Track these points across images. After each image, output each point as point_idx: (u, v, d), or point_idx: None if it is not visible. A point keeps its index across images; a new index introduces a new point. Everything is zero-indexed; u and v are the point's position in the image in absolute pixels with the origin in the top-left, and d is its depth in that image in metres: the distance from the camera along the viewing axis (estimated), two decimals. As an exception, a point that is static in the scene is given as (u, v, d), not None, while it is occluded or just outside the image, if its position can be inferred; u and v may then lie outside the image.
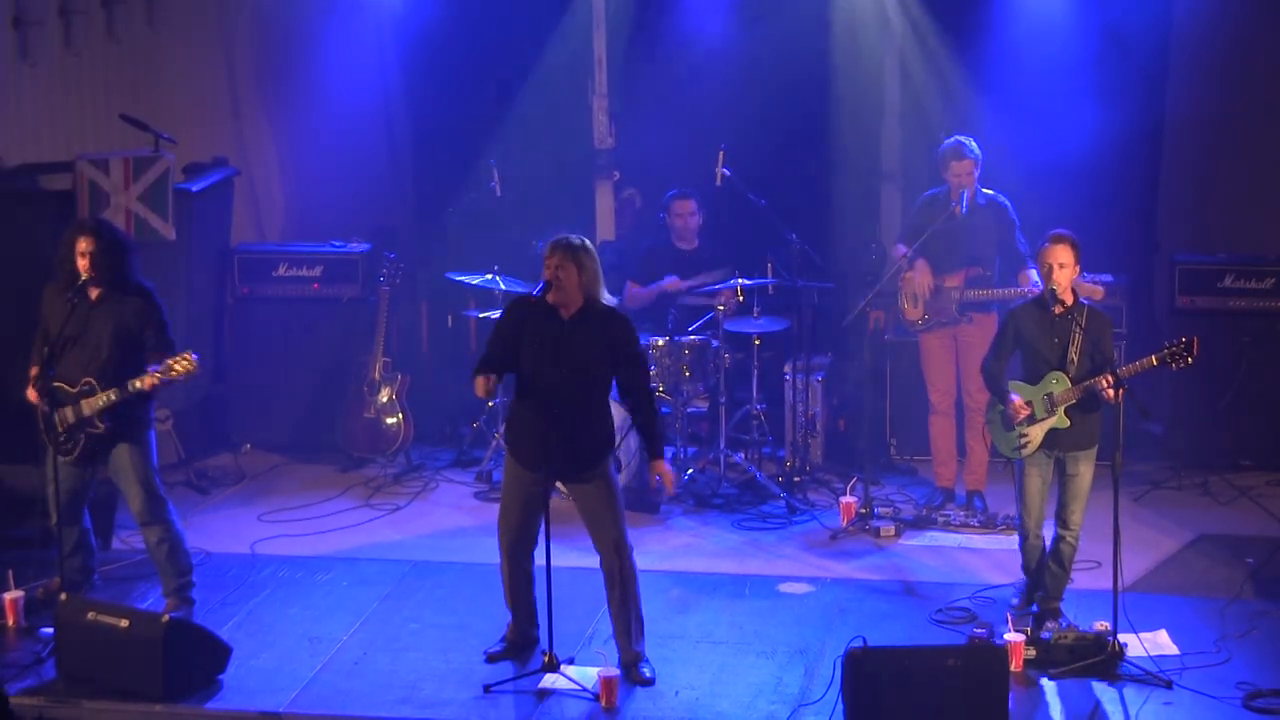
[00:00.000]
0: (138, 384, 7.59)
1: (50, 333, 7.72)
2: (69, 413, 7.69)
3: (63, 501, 7.80)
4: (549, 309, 7.24)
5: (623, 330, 7.32)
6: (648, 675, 7.33)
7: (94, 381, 7.68)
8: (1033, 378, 7.76)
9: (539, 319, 7.27)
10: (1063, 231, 7.66)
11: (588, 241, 7.31)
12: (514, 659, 7.56)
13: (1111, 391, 7.35)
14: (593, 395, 7.34)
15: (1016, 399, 7.69)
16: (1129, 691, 7.16)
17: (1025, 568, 7.98)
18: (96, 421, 7.70)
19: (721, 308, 9.73)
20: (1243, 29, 10.52)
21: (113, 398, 7.63)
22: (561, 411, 7.20)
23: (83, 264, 7.66)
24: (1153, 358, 7.49)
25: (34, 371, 7.75)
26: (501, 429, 10.03)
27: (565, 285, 7.20)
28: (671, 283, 10.03)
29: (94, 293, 7.73)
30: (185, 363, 7.53)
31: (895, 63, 11.06)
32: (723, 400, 9.75)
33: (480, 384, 7.27)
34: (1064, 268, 7.59)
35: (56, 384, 7.68)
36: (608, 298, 7.37)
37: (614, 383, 7.42)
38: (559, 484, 7.70)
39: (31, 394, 7.72)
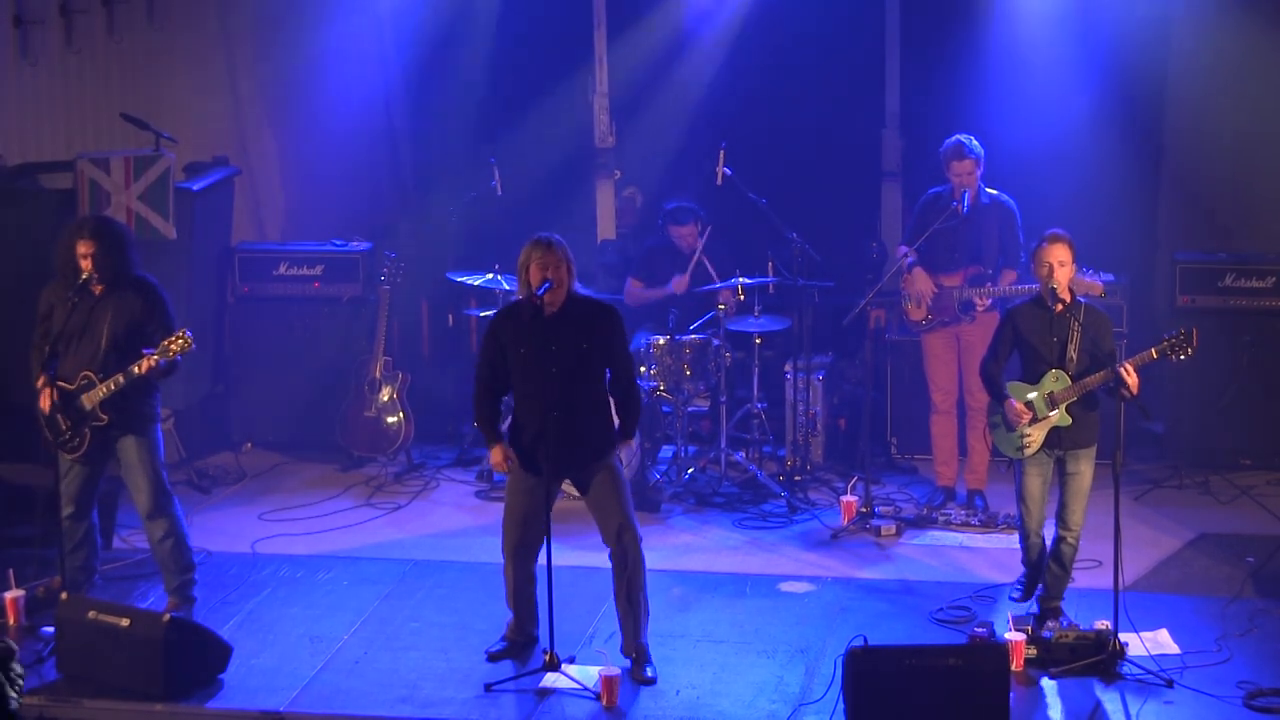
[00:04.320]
0: (135, 369, 7.58)
1: (52, 331, 7.72)
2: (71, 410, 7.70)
3: (74, 494, 7.80)
4: (532, 311, 7.24)
5: (609, 322, 7.32)
6: (649, 675, 7.33)
7: (93, 375, 7.68)
8: (1032, 377, 7.75)
9: (523, 323, 7.26)
10: (1059, 231, 7.67)
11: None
12: (515, 658, 7.56)
13: (1123, 391, 7.34)
14: (590, 387, 7.32)
15: (1015, 403, 7.68)
16: (1130, 691, 7.15)
17: (1026, 560, 7.98)
18: (99, 414, 7.71)
19: (723, 306, 9.74)
20: (1244, 28, 10.51)
21: (112, 387, 7.62)
22: (562, 410, 7.20)
23: (85, 265, 7.66)
24: (1153, 351, 7.49)
25: (40, 381, 7.74)
26: (503, 428, 10.04)
27: (562, 283, 7.22)
28: (678, 282, 10.02)
29: (96, 289, 7.74)
30: (181, 341, 7.50)
31: (896, 62, 11.07)
32: (723, 399, 9.75)
33: (500, 455, 7.39)
34: (1064, 266, 7.60)
35: (59, 383, 7.69)
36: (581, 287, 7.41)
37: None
38: (564, 487, 7.69)
39: (44, 402, 7.70)
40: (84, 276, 7.67)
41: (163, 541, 7.93)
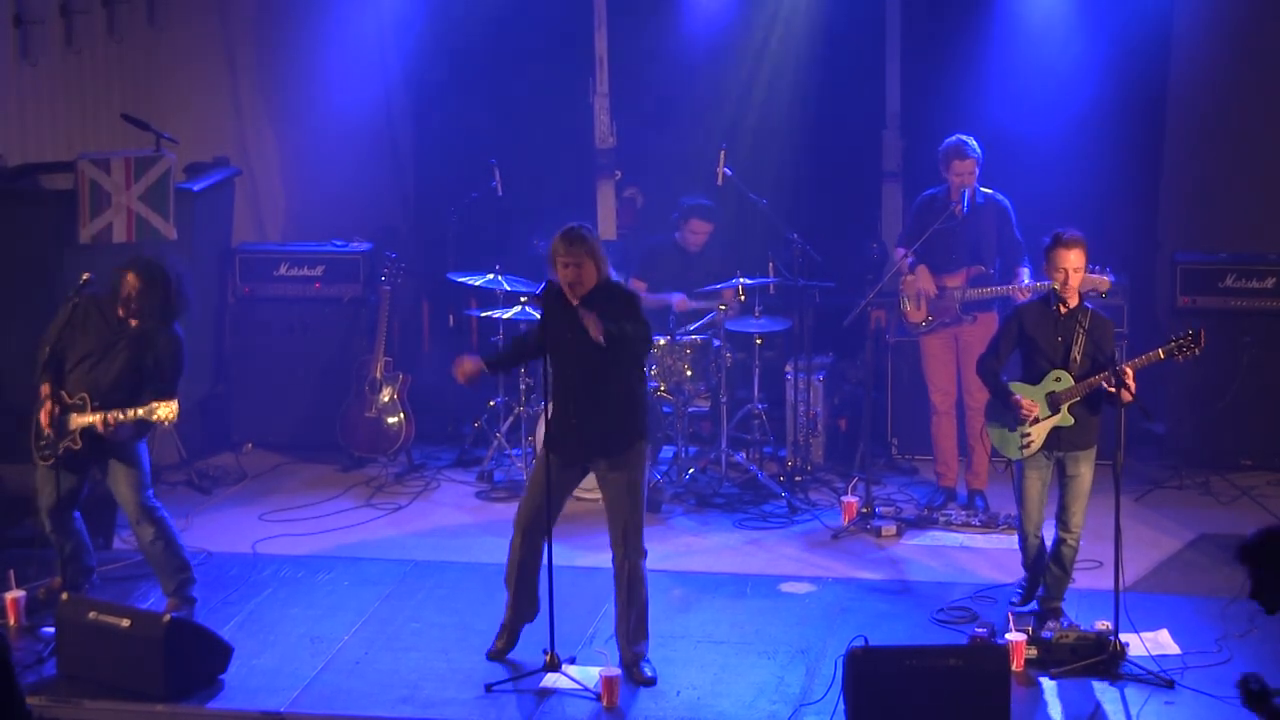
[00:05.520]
0: (120, 415, 7.60)
1: (63, 337, 7.70)
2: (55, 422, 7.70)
3: (49, 508, 7.81)
4: (563, 299, 7.23)
5: (625, 301, 7.28)
6: (649, 675, 7.33)
7: (88, 398, 7.68)
8: (1033, 377, 7.75)
9: (555, 311, 7.24)
10: (1077, 234, 7.60)
11: (588, 226, 7.35)
12: (513, 648, 7.55)
13: (1124, 392, 7.33)
14: (618, 375, 7.27)
15: (1024, 399, 7.67)
16: (1130, 691, 7.16)
17: (1026, 563, 7.97)
18: (76, 438, 7.71)
19: (723, 307, 9.74)
20: (1244, 29, 10.52)
21: (95, 421, 7.63)
22: (588, 397, 7.18)
23: (126, 304, 7.69)
24: (1159, 351, 7.49)
25: (45, 390, 7.72)
26: (503, 429, 10.05)
27: (584, 281, 7.19)
28: (680, 302, 10.01)
29: (132, 322, 7.75)
30: (167, 409, 7.53)
31: (896, 62, 11.06)
32: (724, 400, 9.75)
33: (465, 366, 7.37)
34: (1078, 271, 7.59)
35: (62, 392, 7.70)
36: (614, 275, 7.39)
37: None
38: (577, 492, 7.66)
39: (44, 416, 7.70)
40: (121, 315, 7.71)
41: (153, 543, 7.94)
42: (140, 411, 7.57)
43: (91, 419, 7.64)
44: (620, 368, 7.29)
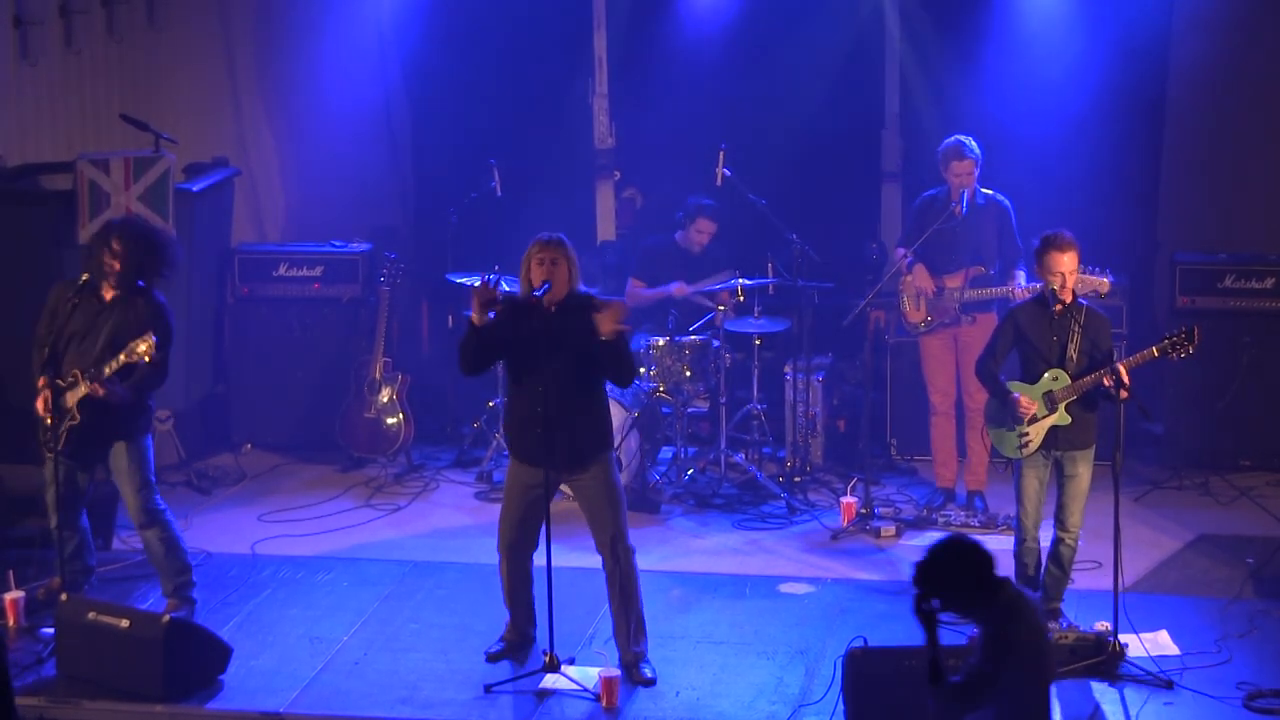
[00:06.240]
0: (106, 370, 7.59)
1: (53, 330, 7.71)
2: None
3: (56, 503, 7.80)
4: (533, 305, 7.24)
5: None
6: (649, 675, 7.33)
7: (79, 375, 7.67)
8: (1031, 377, 7.75)
9: (524, 315, 7.25)
10: (1068, 235, 7.61)
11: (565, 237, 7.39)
12: (513, 658, 7.57)
13: (1122, 391, 7.34)
14: (585, 385, 7.29)
15: (1023, 396, 7.68)
16: (1129, 692, 7.16)
17: (1019, 576, 7.94)
18: (74, 413, 7.70)
19: (722, 308, 9.74)
20: (1244, 29, 10.52)
21: (88, 389, 7.62)
22: (556, 405, 7.17)
23: (110, 265, 7.67)
24: (1153, 349, 7.49)
25: (41, 382, 7.74)
26: (502, 429, 10.05)
27: (558, 280, 7.21)
28: (678, 288, 10.03)
29: (108, 294, 7.73)
30: (145, 343, 7.50)
31: (895, 62, 11.07)
32: (723, 400, 9.75)
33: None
34: (1074, 273, 7.60)
35: (57, 381, 7.70)
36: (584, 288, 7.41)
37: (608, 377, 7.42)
38: (562, 488, 7.69)
39: (39, 403, 7.70)
40: (105, 278, 7.69)
41: (156, 544, 7.95)
42: (121, 357, 7.53)
43: (84, 389, 7.64)
44: (594, 376, 7.31)
